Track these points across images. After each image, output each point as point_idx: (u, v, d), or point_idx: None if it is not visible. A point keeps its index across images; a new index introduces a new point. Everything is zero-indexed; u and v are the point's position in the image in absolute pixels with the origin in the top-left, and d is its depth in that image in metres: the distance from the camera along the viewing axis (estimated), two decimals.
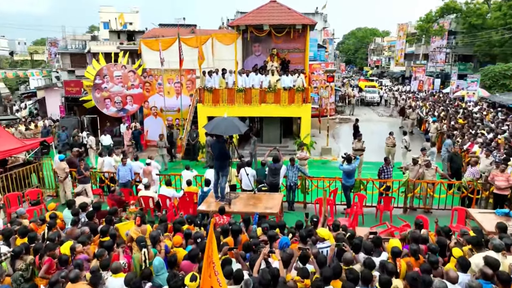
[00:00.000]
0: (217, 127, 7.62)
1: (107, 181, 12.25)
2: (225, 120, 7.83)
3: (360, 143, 13.35)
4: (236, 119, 8.24)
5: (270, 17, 16.43)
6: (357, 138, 13.52)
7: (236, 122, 7.86)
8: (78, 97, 19.93)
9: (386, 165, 10.63)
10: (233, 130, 7.58)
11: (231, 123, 7.65)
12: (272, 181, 9.92)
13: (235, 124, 7.69)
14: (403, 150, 14.65)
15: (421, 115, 22.40)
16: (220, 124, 7.64)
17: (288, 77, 16.70)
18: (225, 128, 7.51)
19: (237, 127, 7.61)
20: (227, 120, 7.81)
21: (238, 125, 7.70)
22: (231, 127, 7.54)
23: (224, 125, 7.60)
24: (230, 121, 7.75)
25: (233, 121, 7.79)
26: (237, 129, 7.62)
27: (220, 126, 7.57)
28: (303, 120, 17.01)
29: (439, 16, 40.36)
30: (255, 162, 15.40)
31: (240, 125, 7.89)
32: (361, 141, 13.38)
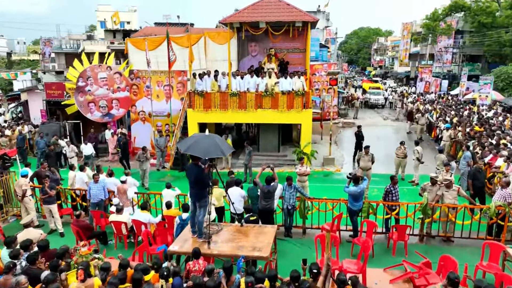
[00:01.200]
0: (194, 146, 6.08)
1: (78, 199, 10.74)
2: (206, 138, 6.27)
3: (367, 157, 11.75)
4: (219, 139, 6.67)
5: (267, 13, 14.88)
6: (364, 150, 11.92)
7: (220, 142, 6.29)
8: (60, 100, 18.43)
9: (393, 185, 9.06)
10: (214, 151, 6.03)
11: (213, 143, 6.10)
12: (265, 206, 8.37)
13: (218, 144, 6.13)
14: (415, 162, 13.08)
15: (431, 120, 20.79)
16: (198, 143, 6.09)
17: (287, 80, 15.15)
18: (205, 149, 5.96)
19: (219, 149, 6.05)
20: (208, 138, 6.25)
21: (222, 146, 6.13)
22: (212, 147, 5.99)
23: (204, 144, 6.05)
24: (211, 140, 6.19)
25: (215, 141, 6.22)
26: (219, 151, 6.05)
27: (198, 146, 6.02)
28: (304, 128, 15.46)
29: (446, 15, 38.68)
30: (250, 175, 13.89)
31: (224, 146, 6.32)
32: (369, 155, 11.78)
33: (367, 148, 11.86)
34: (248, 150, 13.65)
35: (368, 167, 11.73)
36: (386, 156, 16.98)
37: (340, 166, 15.60)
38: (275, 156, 16.27)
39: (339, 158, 16.81)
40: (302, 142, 15.51)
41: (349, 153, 17.40)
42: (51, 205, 9.63)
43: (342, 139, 21.35)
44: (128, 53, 18.20)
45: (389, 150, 18.00)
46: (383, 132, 22.51)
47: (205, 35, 17.68)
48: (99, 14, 61.88)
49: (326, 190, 12.94)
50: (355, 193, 8.51)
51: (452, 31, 38.54)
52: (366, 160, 11.73)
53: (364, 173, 11.78)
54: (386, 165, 15.34)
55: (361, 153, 12.09)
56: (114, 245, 9.14)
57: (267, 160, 15.94)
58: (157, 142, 15.93)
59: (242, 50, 17.68)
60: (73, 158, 14.59)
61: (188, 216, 7.69)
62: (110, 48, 31.23)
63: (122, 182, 9.87)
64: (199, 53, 17.83)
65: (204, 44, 17.69)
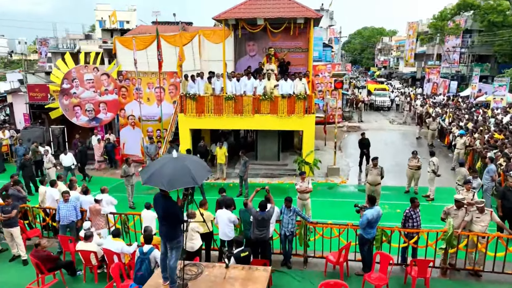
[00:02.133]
0: (156, 175, 4.69)
1: (48, 219, 9.42)
2: (173, 162, 4.86)
3: (376, 171, 10.33)
4: (192, 161, 5.22)
5: (265, 9, 13.51)
6: (372, 163, 10.50)
7: (192, 166, 4.86)
8: (44, 103, 17.14)
9: (413, 209, 7.66)
10: (182, 181, 4.64)
11: (182, 169, 4.71)
12: (258, 235, 6.98)
13: (188, 170, 4.72)
14: (431, 175, 11.67)
15: (443, 125, 19.35)
16: (163, 170, 4.71)
17: (288, 82, 13.79)
18: (170, 178, 4.59)
19: (190, 176, 4.66)
20: (176, 162, 4.85)
21: (194, 172, 4.73)
22: (180, 175, 4.61)
23: (169, 171, 4.66)
24: (180, 165, 4.78)
25: (185, 165, 4.79)
26: (189, 179, 4.66)
27: (161, 174, 4.64)
28: (306, 134, 14.09)
29: (455, 14, 37.16)
30: (246, 188, 12.54)
31: (199, 171, 4.90)
32: (377, 168, 10.37)
33: (376, 160, 10.44)
34: (243, 160, 12.28)
35: (377, 182, 10.34)
36: (396, 165, 15.62)
37: (345, 177, 14.21)
38: (274, 165, 14.90)
39: (344, 168, 15.41)
40: (304, 150, 14.15)
41: (355, 161, 16.00)
42: (12, 228, 8.30)
43: (347, 144, 19.94)
44: (117, 53, 16.89)
45: (398, 158, 16.63)
46: (391, 137, 21.08)
47: (199, 34, 16.34)
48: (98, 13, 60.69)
49: (330, 205, 11.62)
50: (373, 218, 7.11)
51: (460, 30, 37.02)
52: (375, 174, 10.33)
53: (373, 188, 10.39)
54: (396, 176, 13.97)
55: (369, 165, 10.69)
56: (83, 277, 7.80)
57: (265, 170, 14.64)
58: (147, 149, 14.60)
59: (239, 49, 16.32)
60: (51, 169, 13.24)
61: (150, 249, 6.35)
62: (102, 48, 29.96)
63: (95, 202, 8.52)
64: (193, 53, 16.53)
65: (198, 43, 16.36)
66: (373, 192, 10.37)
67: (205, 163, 5.52)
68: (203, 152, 14.12)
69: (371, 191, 10.41)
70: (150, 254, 6.26)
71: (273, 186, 13.65)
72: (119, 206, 9.98)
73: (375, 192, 10.35)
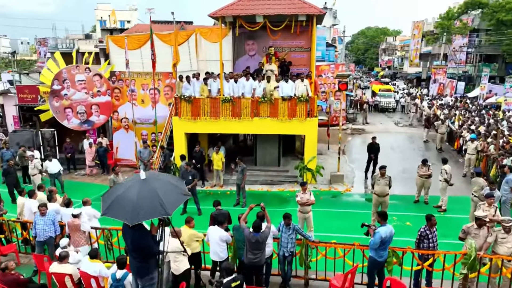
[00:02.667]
0: (118, 203, 3.80)
1: (25, 234, 8.63)
2: (140, 186, 3.94)
3: (384, 180, 9.45)
4: (165, 183, 4.31)
5: (264, 5, 12.67)
6: (379, 172, 9.61)
7: (163, 191, 3.95)
8: (34, 105, 16.40)
9: (429, 227, 6.79)
10: (150, 210, 3.71)
11: (151, 195, 3.81)
12: (252, 260, 6.13)
13: (158, 197, 3.80)
14: (443, 184, 10.79)
15: (452, 128, 18.43)
16: (127, 197, 3.80)
17: (288, 84, 12.95)
18: (134, 208, 3.70)
19: (159, 204, 3.76)
20: (144, 186, 3.94)
21: (165, 198, 3.84)
22: (147, 204, 3.71)
23: (132, 199, 3.76)
24: (149, 190, 3.89)
25: (154, 190, 3.87)
26: (158, 209, 3.75)
27: (125, 202, 3.74)
28: (308, 139, 13.24)
29: (462, 12, 36.15)
30: (243, 197, 11.71)
31: (171, 197, 4.00)
32: (385, 177, 9.48)
33: (384, 169, 9.55)
34: (240, 167, 11.45)
35: (385, 192, 9.47)
36: (403, 171, 14.76)
37: (350, 185, 13.35)
38: (274, 171, 14.06)
39: (349, 174, 14.54)
40: (306, 156, 13.30)
41: (360, 167, 15.15)
42: None
43: (352, 148, 19.07)
44: (110, 52, 16.11)
45: (406, 163, 15.77)
46: (397, 141, 20.19)
47: (196, 32, 15.53)
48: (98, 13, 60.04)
49: (334, 217, 10.77)
50: (386, 237, 6.26)
51: (468, 29, 36.01)
52: (383, 184, 9.45)
53: (381, 199, 9.52)
54: (404, 183, 13.11)
55: (376, 175, 9.80)
56: None
57: (265, 177, 13.81)
58: (140, 154, 13.81)
59: (238, 49, 15.50)
60: (36, 176, 12.45)
61: (124, 274, 5.50)
62: (98, 48, 29.25)
63: (73, 217, 7.70)
64: (189, 52, 15.73)
65: (195, 42, 15.55)
66: (381, 204, 9.52)
67: (183, 184, 4.67)
68: (199, 157, 13.31)
69: (378, 203, 9.56)
70: (124, 280, 5.44)
71: (272, 194, 12.85)
72: (106, 218, 9.19)
73: (383, 204, 9.50)
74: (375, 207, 9.66)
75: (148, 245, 4.22)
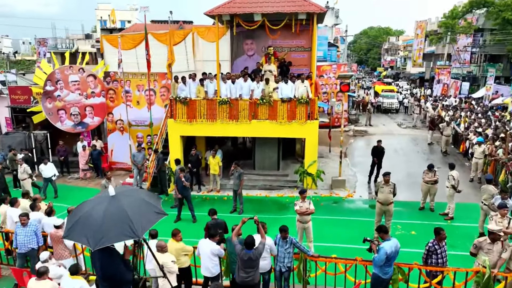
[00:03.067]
0: (81, 224, 3.29)
1: (7, 244, 8.15)
2: (108, 204, 3.44)
3: (388, 188, 8.90)
4: (136, 200, 3.79)
5: (263, 3, 12.15)
6: (383, 179, 9.06)
7: (133, 210, 3.46)
8: (27, 107, 15.94)
9: (438, 242, 6.26)
10: (117, 233, 3.21)
11: (119, 215, 3.32)
12: (244, 278, 5.60)
13: (127, 215, 3.31)
14: (450, 191, 10.25)
15: (458, 130, 17.86)
16: (92, 216, 3.29)
17: (288, 85, 12.43)
18: (98, 230, 3.20)
19: (127, 225, 3.26)
20: (112, 204, 3.45)
21: (135, 218, 3.34)
22: (114, 225, 3.23)
23: (99, 219, 3.25)
24: (117, 209, 3.39)
25: (123, 209, 3.37)
26: (126, 230, 3.24)
27: (89, 223, 3.23)
28: (309, 143, 12.73)
29: (466, 11, 35.50)
30: (240, 203, 11.21)
31: (143, 216, 3.50)
32: (390, 184, 8.93)
33: (388, 176, 8.99)
34: (237, 172, 10.94)
35: (389, 200, 8.93)
36: (407, 176, 14.21)
37: (352, 190, 12.81)
38: (273, 176, 13.55)
39: (351, 178, 14.01)
40: (307, 160, 12.79)
41: (362, 171, 14.63)
42: None
43: (354, 151, 18.52)
44: (104, 52, 15.64)
45: (410, 167, 15.23)
46: (401, 143, 19.62)
47: (193, 31, 15.03)
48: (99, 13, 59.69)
49: (335, 225, 10.24)
50: (392, 253, 5.75)
51: (473, 29, 35.39)
52: (387, 191, 8.90)
53: (384, 208, 8.99)
54: (408, 189, 12.57)
55: (380, 182, 9.25)
56: None
57: (263, 181, 13.30)
58: (134, 158, 13.31)
59: (236, 48, 15.01)
60: (26, 181, 11.99)
61: None
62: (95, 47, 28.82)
63: (56, 228, 7.22)
64: (186, 52, 15.23)
65: (192, 41, 15.06)
66: (385, 212, 8.99)
67: (158, 201, 4.17)
68: (195, 161, 12.81)
69: (382, 212, 9.03)
70: None
71: (271, 199, 12.34)
72: None
73: (387, 212, 8.97)
74: (378, 216, 9.14)
75: (119, 272, 3.72)
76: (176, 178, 10.64)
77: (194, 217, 10.63)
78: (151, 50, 13.54)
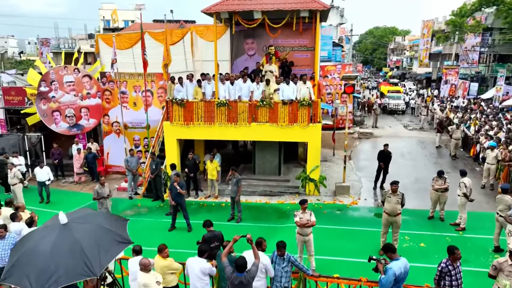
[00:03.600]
0: (24, 263, 2.69)
1: None
2: (57, 235, 2.82)
3: (396, 198, 8.25)
4: (94, 228, 3.21)
5: (263, 0, 11.55)
6: (391, 188, 8.40)
7: (89, 242, 2.88)
8: (21, 108, 15.49)
9: (452, 261, 5.63)
10: (69, 272, 2.64)
11: (71, 249, 2.72)
12: None
13: (81, 249, 2.70)
14: (462, 200, 9.58)
15: (467, 133, 17.14)
16: (37, 252, 2.69)
17: (290, 86, 11.82)
18: (44, 269, 2.61)
19: (80, 262, 2.68)
20: (63, 235, 2.84)
21: (92, 253, 2.76)
22: (65, 262, 2.64)
23: (47, 255, 2.65)
24: (69, 242, 2.79)
25: (77, 241, 2.77)
26: (81, 268, 2.68)
27: (33, 261, 2.65)
28: (311, 147, 12.11)
29: (475, 10, 34.62)
30: (238, 211, 10.63)
31: (101, 249, 2.92)
32: (397, 194, 8.28)
33: (395, 185, 8.34)
34: (235, 179, 10.36)
35: (397, 211, 8.28)
36: (415, 181, 13.57)
37: (357, 197, 12.17)
38: (274, 181, 12.95)
39: (356, 184, 13.37)
40: (309, 165, 12.18)
41: (368, 175, 14.00)
42: None
43: (359, 154, 17.86)
44: (100, 52, 15.15)
45: (418, 172, 14.58)
46: (408, 146, 18.93)
47: (191, 30, 14.50)
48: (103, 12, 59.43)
49: (338, 236, 9.61)
50: (401, 274, 5.14)
51: (481, 27, 34.51)
52: (394, 201, 8.25)
53: (391, 219, 8.35)
54: (416, 196, 11.94)
55: (387, 191, 8.60)
56: None
57: (264, 187, 12.71)
58: (127, 163, 12.77)
59: (237, 48, 14.42)
60: (16, 186, 11.47)
61: None
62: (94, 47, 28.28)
63: None
64: (184, 52, 14.70)
65: (190, 41, 14.52)
66: (392, 224, 8.35)
67: (123, 226, 3.60)
68: (192, 165, 12.24)
69: (389, 223, 8.40)
70: None
71: (271, 207, 11.73)
72: None
73: (394, 224, 8.33)
74: (385, 227, 8.50)
75: None
76: (171, 184, 10.10)
77: (189, 226, 10.07)
78: (149, 50, 13.02)
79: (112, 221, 3.79)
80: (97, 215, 3.59)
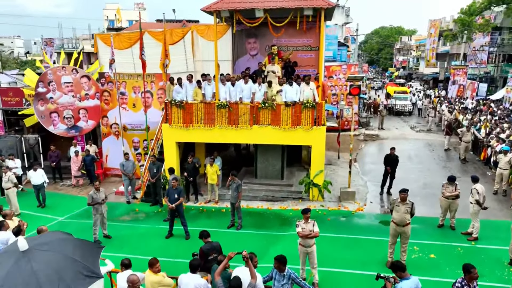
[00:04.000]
0: None
1: None
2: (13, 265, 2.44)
3: (405, 207, 7.74)
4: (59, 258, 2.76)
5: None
6: (399, 196, 7.90)
7: (47, 278, 2.48)
8: (18, 109, 15.18)
9: (468, 282, 5.14)
10: None
11: (26, 284, 2.35)
12: None
13: (37, 283, 2.32)
14: (474, 207, 9.06)
15: (478, 136, 16.56)
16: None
17: (293, 87, 11.36)
18: None
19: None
20: (19, 268, 2.46)
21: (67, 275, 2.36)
22: None
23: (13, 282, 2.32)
24: (24, 275, 2.43)
25: (34, 273, 2.39)
26: None
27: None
28: (315, 150, 11.63)
29: (485, 8, 33.86)
30: (239, 218, 10.19)
31: (66, 284, 2.50)
32: (407, 203, 7.78)
33: (405, 193, 7.83)
34: (235, 184, 9.91)
35: (406, 221, 7.77)
36: (424, 186, 13.04)
37: (362, 203, 11.67)
38: (276, 186, 12.49)
39: (361, 189, 12.86)
40: (313, 170, 11.70)
41: (374, 179, 13.51)
42: None
43: (365, 157, 17.34)
44: (98, 52, 14.79)
45: (427, 176, 14.06)
46: (415, 149, 18.37)
47: (192, 30, 14.09)
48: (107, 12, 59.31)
49: (343, 245, 9.12)
50: None
51: (491, 26, 33.78)
52: (403, 211, 7.75)
53: (400, 230, 7.85)
54: (425, 202, 11.41)
55: (395, 200, 8.10)
56: None
57: (266, 192, 12.26)
58: (123, 167, 12.36)
59: (238, 48, 13.99)
60: (11, 190, 11.12)
61: None
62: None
63: None
64: (185, 52, 14.31)
65: (191, 40, 14.11)
66: (401, 234, 7.86)
67: (95, 254, 3.19)
68: (191, 169, 11.82)
69: (397, 233, 7.90)
70: None
71: (273, 212, 11.26)
72: None
73: (403, 235, 7.83)
74: (393, 238, 8.00)
75: None
76: (168, 189, 9.69)
77: (187, 233, 9.64)
78: (149, 50, 12.65)
79: (84, 249, 3.32)
80: (65, 242, 3.10)
